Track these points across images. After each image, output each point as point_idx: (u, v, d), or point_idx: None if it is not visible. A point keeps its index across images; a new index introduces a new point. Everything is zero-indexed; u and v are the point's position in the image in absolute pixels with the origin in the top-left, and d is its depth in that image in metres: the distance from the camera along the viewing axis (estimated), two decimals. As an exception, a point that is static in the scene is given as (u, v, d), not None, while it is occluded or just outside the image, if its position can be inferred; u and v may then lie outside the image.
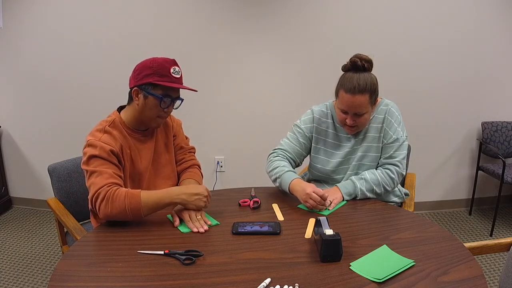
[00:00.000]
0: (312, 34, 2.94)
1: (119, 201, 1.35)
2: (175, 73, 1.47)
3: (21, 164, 3.33)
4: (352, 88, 1.54)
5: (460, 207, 3.31)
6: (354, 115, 1.60)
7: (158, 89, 1.46)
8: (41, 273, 2.44)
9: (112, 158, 1.44)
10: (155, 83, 1.45)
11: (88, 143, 1.45)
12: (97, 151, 1.41)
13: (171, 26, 2.94)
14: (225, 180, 3.24)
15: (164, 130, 1.68)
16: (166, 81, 1.45)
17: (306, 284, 1.06)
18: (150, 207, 1.38)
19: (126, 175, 1.52)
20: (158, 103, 1.47)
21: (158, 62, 1.46)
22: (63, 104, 3.14)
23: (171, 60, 1.48)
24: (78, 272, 1.13)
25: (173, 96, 1.50)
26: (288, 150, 1.79)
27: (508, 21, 2.94)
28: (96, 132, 1.48)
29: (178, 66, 1.50)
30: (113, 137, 1.48)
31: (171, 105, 1.53)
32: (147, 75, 1.45)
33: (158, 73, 1.44)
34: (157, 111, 1.49)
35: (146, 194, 1.38)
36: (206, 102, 3.08)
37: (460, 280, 1.06)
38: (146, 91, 1.46)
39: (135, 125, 1.56)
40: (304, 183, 1.59)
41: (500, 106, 3.11)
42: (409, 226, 1.40)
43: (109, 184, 1.38)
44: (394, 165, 1.67)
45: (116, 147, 1.46)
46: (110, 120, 1.53)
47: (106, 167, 1.41)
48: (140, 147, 1.57)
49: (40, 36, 3.02)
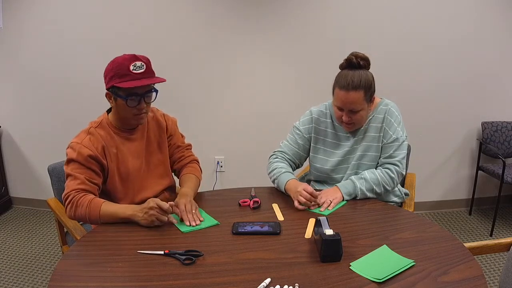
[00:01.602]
0: (312, 34, 2.94)
1: (82, 208, 1.41)
2: (136, 69, 1.44)
3: (21, 164, 3.33)
4: (346, 84, 1.56)
5: (460, 207, 3.31)
6: (350, 112, 1.61)
7: (121, 91, 1.46)
8: (41, 273, 2.44)
9: (89, 163, 1.47)
10: (117, 86, 1.45)
11: (70, 145, 1.51)
12: (75, 155, 1.46)
13: (170, 26, 2.94)
14: (225, 180, 3.24)
15: (157, 130, 1.68)
16: (126, 80, 1.44)
17: (306, 284, 1.06)
18: (107, 218, 1.42)
19: (113, 174, 1.54)
20: (125, 103, 1.47)
21: (117, 63, 1.45)
22: (63, 104, 3.14)
23: (130, 56, 1.45)
24: (78, 272, 1.13)
25: (140, 92, 1.47)
26: (287, 152, 1.82)
27: (508, 21, 2.94)
28: (82, 133, 1.54)
29: (141, 60, 1.46)
30: (96, 139, 1.50)
31: (142, 102, 1.49)
32: (110, 78, 1.46)
33: (118, 74, 1.44)
34: (129, 110, 1.49)
35: (106, 206, 1.43)
36: (206, 102, 3.08)
37: (460, 280, 1.06)
38: (114, 94, 1.48)
39: (120, 125, 1.58)
40: (298, 182, 1.63)
41: (500, 106, 3.11)
42: (409, 226, 1.40)
43: (78, 190, 1.44)
44: (393, 165, 1.67)
45: (96, 150, 1.48)
46: (98, 121, 1.57)
47: (80, 171, 1.46)
48: (128, 145, 1.58)
49: (40, 36, 3.02)
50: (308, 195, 1.53)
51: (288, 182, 1.65)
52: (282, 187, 1.67)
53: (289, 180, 1.65)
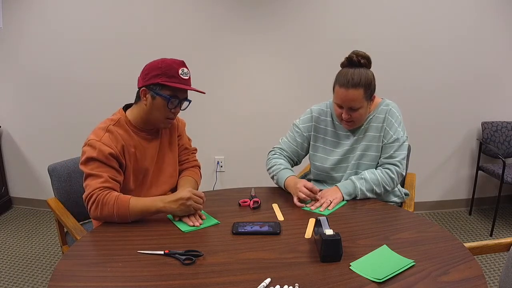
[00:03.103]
0: (312, 34, 2.94)
1: (109, 206, 1.38)
2: (184, 75, 1.48)
3: (21, 164, 3.33)
4: (345, 82, 1.57)
5: (460, 207, 3.31)
6: (349, 109, 1.62)
7: (166, 90, 1.47)
8: (41, 273, 2.44)
9: (110, 161, 1.45)
10: (163, 84, 1.45)
11: (88, 143, 1.45)
12: (96, 153, 1.42)
13: (171, 26, 2.94)
14: (225, 180, 3.24)
15: (169, 130, 1.69)
16: (174, 82, 1.46)
17: (306, 284, 1.06)
18: (137, 214, 1.41)
19: (129, 173, 1.53)
20: (166, 103, 1.47)
21: (166, 63, 1.46)
22: (63, 104, 3.14)
23: (180, 61, 1.49)
24: (78, 272, 1.13)
25: (181, 97, 1.51)
26: (286, 149, 1.84)
27: (508, 21, 2.94)
28: (99, 130, 1.49)
29: (187, 68, 1.51)
30: (115, 137, 1.48)
31: (179, 106, 1.53)
32: (156, 76, 1.45)
33: (166, 74, 1.45)
34: (164, 111, 1.50)
35: (134, 201, 1.40)
36: (206, 102, 3.08)
37: (460, 280, 1.06)
38: (154, 92, 1.47)
39: (141, 125, 1.56)
40: (297, 179, 1.64)
41: (500, 106, 3.11)
42: (409, 226, 1.40)
43: (102, 188, 1.40)
44: (394, 165, 1.67)
45: (116, 149, 1.46)
46: (115, 119, 1.54)
47: (102, 170, 1.43)
48: (145, 145, 1.58)
49: (40, 36, 3.02)
50: (307, 191, 1.55)
51: (287, 179, 1.67)
52: (282, 183, 1.69)
53: (289, 176, 1.67)
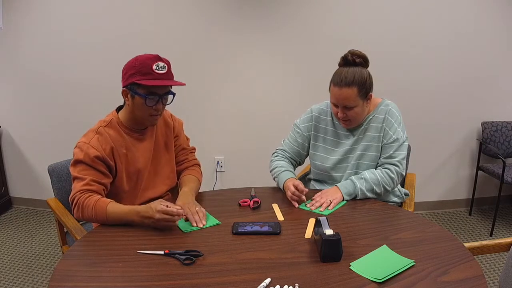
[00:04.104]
0: (312, 34, 2.94)
1: (88, 209, 1.41)
2: (159, 69, 1.44)
3: (21, 164, 3.33)
4: (339, 81, 1.58)
5: (460, 207, 3.31)
6: (344, 108, 1.62)
7: (142, 89, 1.45)
8: (41, 273, 2.44)
9: (96, 164, 1.46)
10: (138, 83, 1.44)
11: (77, 145, 1.48)
12: (82, 156, 1.45)
13: (171, 26, 2.94)
14: (225, 180, 3.24)
15: (164, 130, 1.68)
16: (148, 78, 1.43)
17: (306, 284, 1.06)
18: (115, 221, 1.40)
19: (121, 175, 1.53)
20: (144, 102, 1.46)
21: (140, 60, 1.45)
22: (63, 104, 3.14)
23: (153, 56, 1.46)
24: (78, 272, 1.13)
25: (160, 92, 1.47)
26: (288, 150, 1.85)
27: (508, 21, 2.94)
28: (90, 132, 1.51)
29: (163, 61, 1.47)
30: (104, 139, 1.49)
31: (160, 102, 1.50)
32: (131, 75, 1.45)
33: (140, 72, 1.43)
34: (145, 109, 1.48)
35: (111, 208, 1.40)
36: (206, 102, 3.08)
37: (460, 280, 1.06)
38: (132, 91, 1.47)
39: (131, 125, 1.56)
40: (293, 180, 1.65)
41: (500, 106, 3.11)
42: (409, 226, 1.40)
43: (83, 191, 1.43)
44: (393, 165, 1.67)
45: (104, 151, 1.47)
46: (107, 120, 1.54)
47: (86, 173, 1.45)
48: (138, 146, 1.57)
49: (40, 36, 3.02)
50: (293, 189, 1.57)
51: (286, 181, 1.67)
52: (281, 186, 1.70)
53: (288, 179, 1.67)
